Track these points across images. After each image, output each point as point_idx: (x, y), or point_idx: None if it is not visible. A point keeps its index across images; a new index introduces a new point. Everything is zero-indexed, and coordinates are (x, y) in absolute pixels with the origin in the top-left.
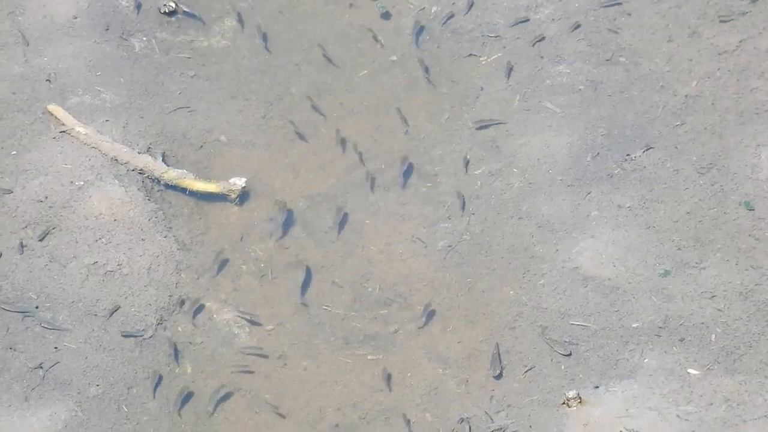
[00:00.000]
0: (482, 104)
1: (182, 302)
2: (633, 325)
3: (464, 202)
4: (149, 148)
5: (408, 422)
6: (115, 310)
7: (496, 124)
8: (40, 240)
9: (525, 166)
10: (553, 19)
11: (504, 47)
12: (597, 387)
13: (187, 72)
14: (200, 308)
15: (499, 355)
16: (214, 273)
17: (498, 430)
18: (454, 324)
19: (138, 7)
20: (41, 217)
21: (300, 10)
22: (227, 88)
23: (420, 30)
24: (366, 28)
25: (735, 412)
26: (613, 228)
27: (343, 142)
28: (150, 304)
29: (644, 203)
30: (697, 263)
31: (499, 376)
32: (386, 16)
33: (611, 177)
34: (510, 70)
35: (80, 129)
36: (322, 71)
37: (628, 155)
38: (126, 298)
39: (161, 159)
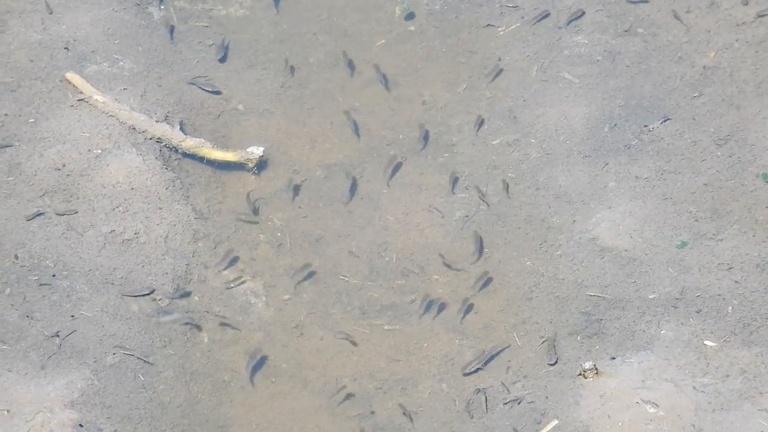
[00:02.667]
0: (500, 75)
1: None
2: (650, 297)
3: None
4: (167, 116)
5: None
6: None
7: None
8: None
9: (542, 136)
10: None
11: (522, 17)
12: (613, 358)
13: (206, 41)
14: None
15: (554, 344)
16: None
17: (514, 400)
18: (471, 294)
19: None
20: (59, 186)
21: None
22: (245, 57)
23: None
24: None
25: (751, 384)
26: (630, 199)
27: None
28: (167, 273)
29: (661, 174)
30: (714, 235)
31: (554, 364)
32: (410, 16)
33: (629, 148)
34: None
35: (98, 97)
36: (340, 41)
37: (645, 126)
38: (143, 266)
39: (179, 128)
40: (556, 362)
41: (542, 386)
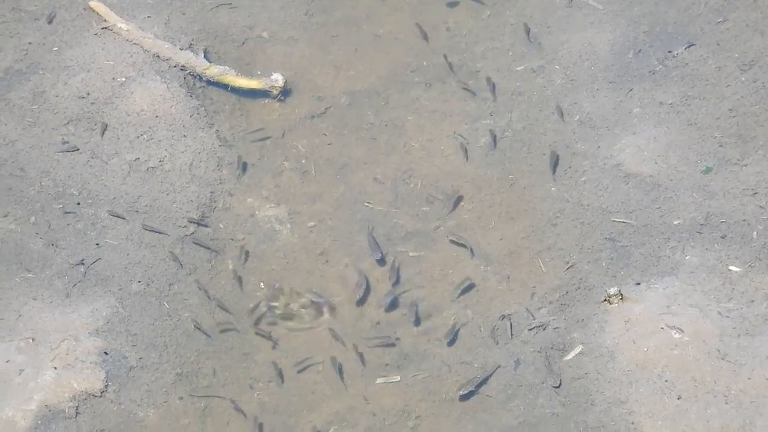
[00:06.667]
0: (524, 1)
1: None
2: (674, 222)
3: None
4: (191, 44)
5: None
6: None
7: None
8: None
9: (567, 62)
10: None
11: None
12: (638, 284)
13: None
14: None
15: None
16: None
17: (539, 326)
18: (495, 220)
19: None
20: (83, 114)
21: None
22: None
23: None
24: None
25: None
26: (654, 125)
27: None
28: (191, 201)
29: (686, 100)
30: (738, 160)
31: (558, 387)
32: (452, 4)
33: (653, 74)
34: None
35: (122, 25)
36: None
37: (670, 52)
38: (167, 194)
39: (203, 55)
40: (560, 385)
41: (567, 312)
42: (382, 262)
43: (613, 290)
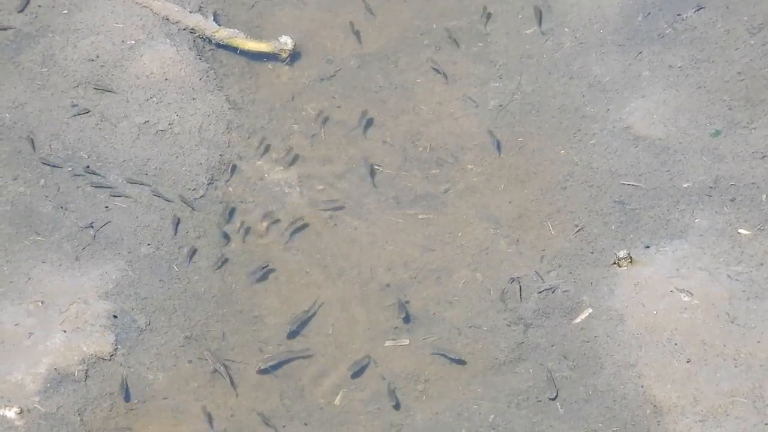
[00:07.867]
0: None
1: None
2: (684, 185)
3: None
4: (201, 7)
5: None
6: None
7: None
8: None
9: (576, 25)
10: None
11: None
12: (648, 247)
13: None
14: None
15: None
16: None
17: (548, 289)
18: (504, 183)
19: None
20: (92, 77)
21: None
22: None
23: None
24: None
25: None
26: (664, 88)
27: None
28: (201, 164)
29: (695, 63)
30: (748, 123)
31: (555, 398)
32: None
33: (662, 37)
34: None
35: None
36: None
37: (679, 15)
38: (177, 157)
39: (212, 18)
40: (556, 397)
41: (576, 275)
42: (407, 319)
43: (622, 253)
